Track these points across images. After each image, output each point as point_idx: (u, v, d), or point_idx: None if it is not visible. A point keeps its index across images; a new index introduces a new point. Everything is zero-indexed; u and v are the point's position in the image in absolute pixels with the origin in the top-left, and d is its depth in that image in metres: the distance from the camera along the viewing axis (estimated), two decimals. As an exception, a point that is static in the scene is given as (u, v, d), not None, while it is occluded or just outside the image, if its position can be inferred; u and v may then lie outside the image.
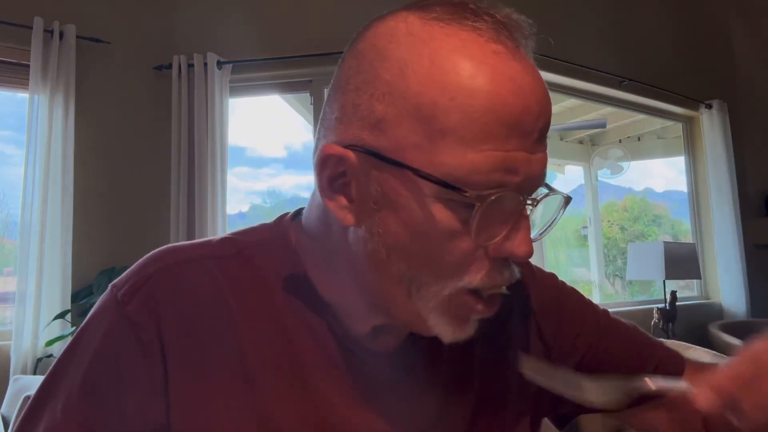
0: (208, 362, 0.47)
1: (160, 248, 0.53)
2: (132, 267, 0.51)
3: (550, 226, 0.48)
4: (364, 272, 0.48)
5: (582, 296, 0.68)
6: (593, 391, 0.51)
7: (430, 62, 0.42)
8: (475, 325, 0.48)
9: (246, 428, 0.47)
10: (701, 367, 0.68)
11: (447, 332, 0.47)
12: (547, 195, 0.46)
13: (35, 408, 0.48)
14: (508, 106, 0.41)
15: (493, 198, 0.41)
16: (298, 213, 0.56)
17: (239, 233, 0.55)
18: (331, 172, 0.46)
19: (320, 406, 0.49)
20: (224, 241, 0.54)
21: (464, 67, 0.41)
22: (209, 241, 0.54)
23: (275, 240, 0.54)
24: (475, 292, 0.46)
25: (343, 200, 0.46)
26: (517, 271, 0.47)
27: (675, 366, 0.67)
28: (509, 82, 0.41)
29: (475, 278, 0.44)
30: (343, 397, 0.50)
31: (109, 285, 0.50)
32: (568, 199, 0.48)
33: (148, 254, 0.52)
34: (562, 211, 0.48)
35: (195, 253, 0.52)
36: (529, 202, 0.44)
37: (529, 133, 0.42)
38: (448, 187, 0.41)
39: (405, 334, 0.54)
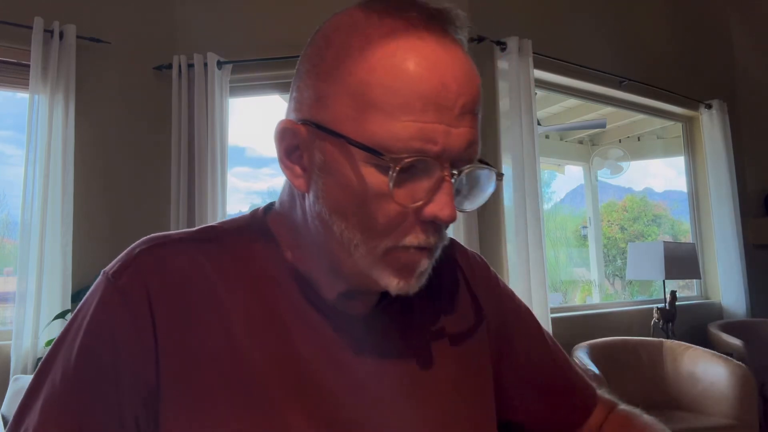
0: (194, 328, 0.51)
1: (145, 236, 0.57)
2: (120, 254, 0.56)
3: (481, 198, 0.54)
4: (317, 235, 0.53)
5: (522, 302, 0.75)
6: None
7: (363, 46, 0.49)
8: (421, 280, 0.53)
9: (229, 383, 0.51)
10: (612, 408, 0.73)
11: (392, 284, 0.51)
12: (471, 168, 0.50)
13: (36, 382, 0.51)
14: (425, 83, 0.47)
15: (408, 161, 0.46)
16: (270, 206, 0.62)
17: (218, 222, 0.61)
18: (288, 144, 0.53)
19: (297, 361, 0.53)
20: (203, 228, 0.59)
21: (390, 49, 0.48)
22: (188, 230, 0.59)
23: (251, 226, 0.60)
24: (409, 248, 0.51)
25: (298, 169, 0.53)
26: (446, 236, 0.53)
27: (588, 399, 0.72)
28: (428, 62, 0.47)
29: (404, 238, 0.50)
30: (319, 354, 0.54)
31: (101, 272, 0.55)
32: (500, 175, 0.53)
33: (135, 242, 0.57)
34: (493, 186, 0.53)
35: (177, 237, 0.57)
36: (455, 172, 0.49)
37: (449, 108, 0.47)
38: (371, 151, 0.47)
39: (373, 300, 0.59)
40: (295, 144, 0.52)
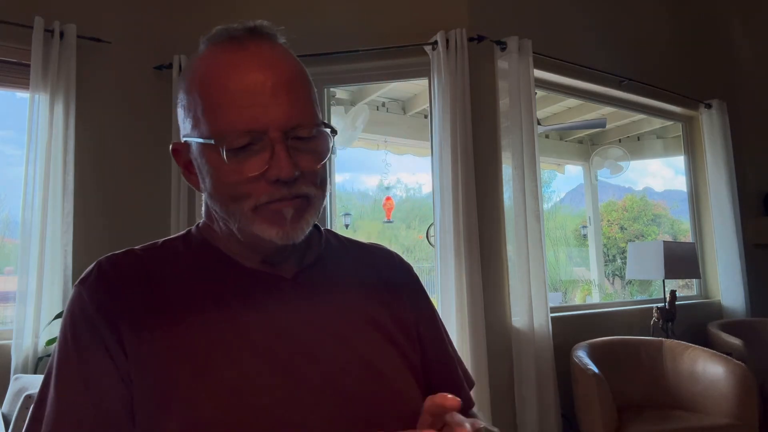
0: (145, 310, 0.64)
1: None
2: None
3: (323, 154, 0.66)
4: (220, 221, 0.68)
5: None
6: None
7: (196, 74, 0.65)
8: (297, 229, 0.64)
9: (179, 348, 0.61)
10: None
11: (272, 233, 0.63)
12: (298, 131, 0.62)
13: (47, 374, 0.64)
14: (236, 80, 0.61)
15: (237, 141, 0.60)
16: (199, 223, 0.76)
17: (163, 239, 0.75)
18: (183, 160, 0.69)
19: (234, 320, 0.65)
20: (149, 243, 0.74)
21: (211, 67, 0.64)
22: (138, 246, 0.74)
23: (186, 235, 0.75)
24: (269, 202, 0.63)
25: (194, 177, 0.69)
26: (303, 188, 0.63)
27: (464, 395, 0.79)
28: (237, 66, 0.62)
29: (260, 198, 0.62)
30: (253, 310, 0.66)
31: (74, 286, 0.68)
32: (333, 131, 0.66)
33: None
34: (333, 143, 0.67)
35: (127, 249, 0.71)
36: (287, 139, 0.61)
37: (260, 92, 0.61)
38: (208, 140, 0.62)
39: (295, 266, 0.71)
40: (188, 159, 0.68)
